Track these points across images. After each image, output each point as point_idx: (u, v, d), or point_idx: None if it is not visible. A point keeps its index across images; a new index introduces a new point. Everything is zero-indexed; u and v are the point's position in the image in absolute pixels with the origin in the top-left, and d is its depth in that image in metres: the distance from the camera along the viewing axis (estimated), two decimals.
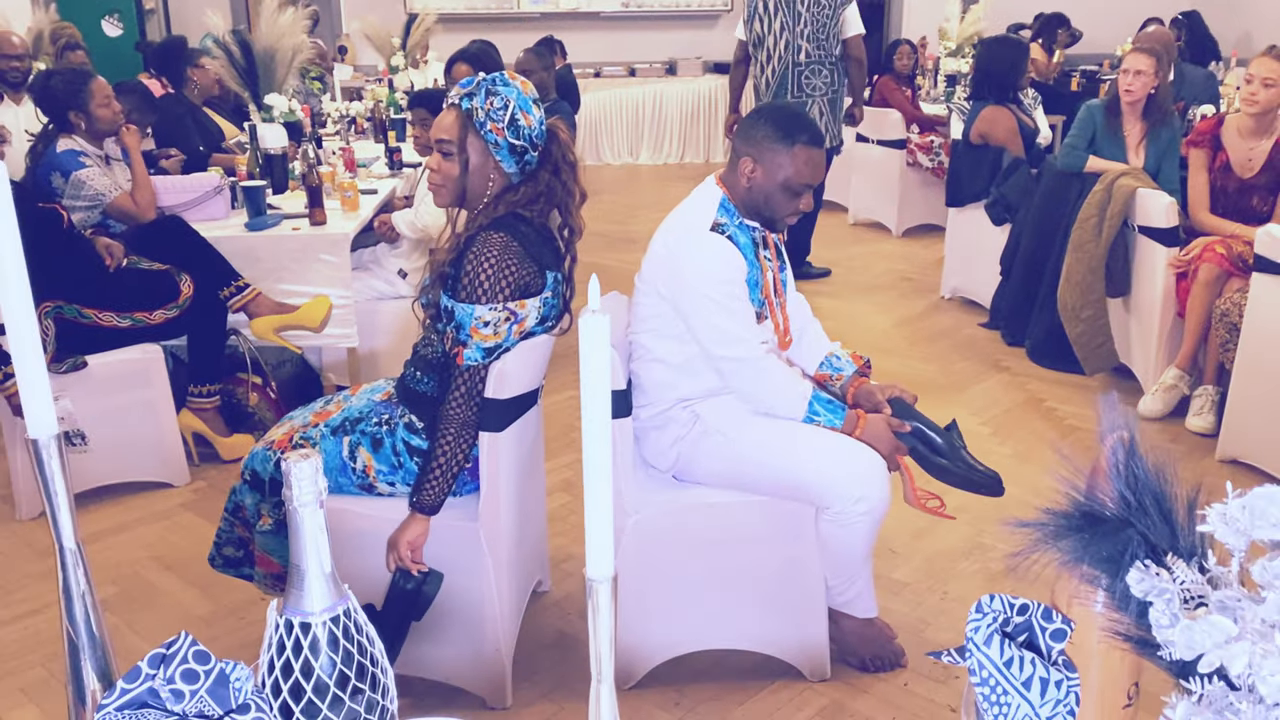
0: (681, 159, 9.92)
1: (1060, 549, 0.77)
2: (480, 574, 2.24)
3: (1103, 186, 4.02)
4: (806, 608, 2.37)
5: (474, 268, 2.10)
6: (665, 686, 2.38)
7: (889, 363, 4.51)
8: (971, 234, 5.15)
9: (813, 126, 2.33)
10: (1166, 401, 3.85)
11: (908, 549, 2.95)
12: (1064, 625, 0.90)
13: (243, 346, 3.59)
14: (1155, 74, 4.17)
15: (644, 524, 2.30)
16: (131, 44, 8.40)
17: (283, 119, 4.21)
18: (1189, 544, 0.74)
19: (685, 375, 2.34)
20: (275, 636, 0.89)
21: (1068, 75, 8.12)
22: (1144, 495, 0.76)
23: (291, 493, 0.87)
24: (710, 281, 2.24)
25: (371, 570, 2.21)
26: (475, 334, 2.10)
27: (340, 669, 0.89)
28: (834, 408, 2.31)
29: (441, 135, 2.18)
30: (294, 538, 0.89)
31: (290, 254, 3.63)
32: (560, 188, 2.23)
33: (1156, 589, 0.72)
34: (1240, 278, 3.60)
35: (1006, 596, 0.90)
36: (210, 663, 0.85)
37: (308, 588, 0.89)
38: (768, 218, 2.35)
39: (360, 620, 0.92)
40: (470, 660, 2.32)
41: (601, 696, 0.87)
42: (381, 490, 2.27)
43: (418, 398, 2.25)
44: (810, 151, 2.29)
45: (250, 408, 3.60)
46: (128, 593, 2.81)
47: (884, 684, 2.40)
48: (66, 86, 3.52)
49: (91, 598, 0.88)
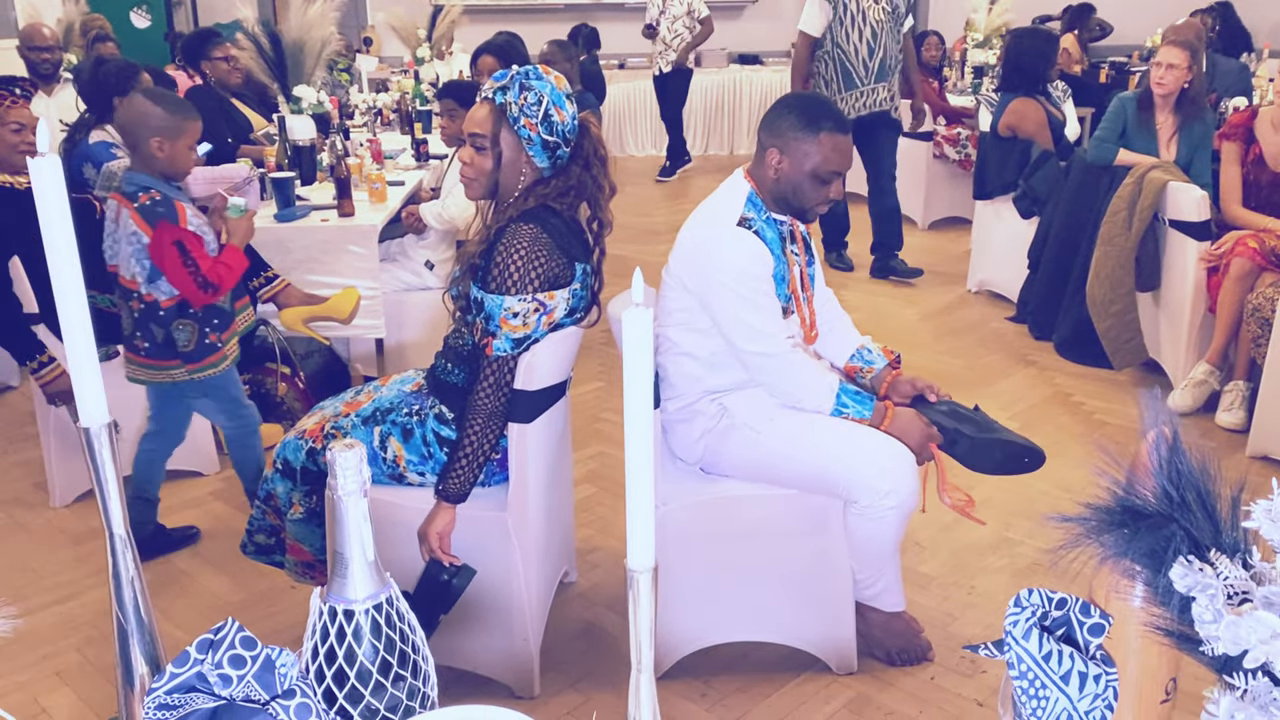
0: (705, 150, 9.89)
1: (1102, 544, 0.77)
2: (508, 564, 2.25)
3: (1133, 180, 3.98)
4: (834, 601, 2.37)
5: (504, 259, 2.11)
6: (693, 678, 2.39)
7: (915, 357, 4.49)
8: (999, 227, 5.12)
9: (837, 113, 2.33)
10: (1196, 397, 3.82)
11: (934, 543, 2.95)
12: (1102, 620, 0.90)
13: (271, 337, 3.62)
14: (1188, 68, 4.13)
15: (671, 516, 2.31)
16: (160, 35, 8.46)
17: (311, 111, 4.23)
18: (1232, 540, 0.74)
19: (712, 368, 2.34)
20: (319, 623, 0.91)
21: (1096, 67, 8.04)
22: (1187, 491, 0.76)
23: (336, 481, 0.88)
24: (736, 276, 2.24)
25: (401, 560, 2.23)
26: (504, 325, 2.11)
27: (383, 656, 0.91)
28: (862, 399, 2.30)
29: (475, 129, 2.20)
30: (338, 526, 0.90)
31: (319, 245, 3.66)
32: (591, 182, 2.24)
33: (1200, 584, 0.72)
34: (1273, 272, 3.56)
35: (1045, 591, 0.90)
36: (257, 648, 0.86)
37: (351, 575, 0.91)
38: (797, 208, 2.34)
39: (402, 608, 0.93)
40: (498, 650, 2.33)
41: (641, 686, 0.88)
42: (412, 480, 2.29)
43: (448, 389, 2.27)
44: (836, 138, 2.28)
45: (279, 397, 3.63)
46: (159, 579, 2.85)
47: (910, 678, 2.40)
48: (119, 74, 3.56)
49: (140, 583, 0.90)
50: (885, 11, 5.24)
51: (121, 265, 2.70)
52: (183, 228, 2.67)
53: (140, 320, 2.73)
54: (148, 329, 2.73)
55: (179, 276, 2.65)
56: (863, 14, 5.22)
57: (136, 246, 2.66)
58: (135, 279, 2.69)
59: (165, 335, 2.73)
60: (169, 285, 2.69)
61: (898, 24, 5.32)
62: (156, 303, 2.70)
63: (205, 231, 2.75)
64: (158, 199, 2.66)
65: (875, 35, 5.22)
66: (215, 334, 2.79)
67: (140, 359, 2.78)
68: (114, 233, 2.71)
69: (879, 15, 5.22)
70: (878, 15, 5.22)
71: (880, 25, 5.22)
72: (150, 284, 2.69)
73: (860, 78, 5.29)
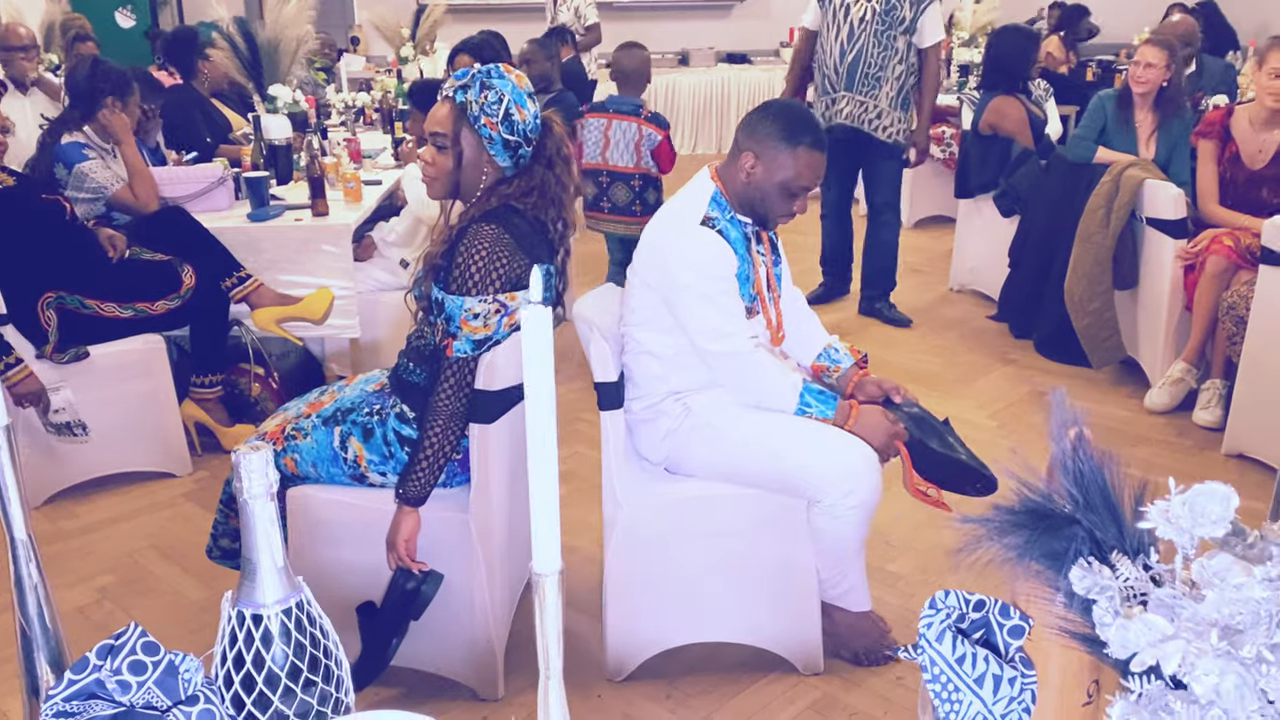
0: (694, 150, 9.88)
1: (1005, 545, 0.76)
2: (471, 565, 2.24)
3: (1110, 178, 3.98)
4: (799, 601, 2.36)
5: (464, 260, 2.09)
6: (657, 679, 2.38)
7: (895, 355, 4.49)
8: (981, 226, 5.11)
9: (818, 130, 2.32)
10: (1173, 395, 3.81)
11: (904, 542, 2.94)
12: (1022, 622, 0.89)
13: (245, 337, 3.61)
14: (1167, 67, 4.12)
15: (635, 516, 2.30)
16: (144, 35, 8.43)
17: (287, 110, 4.21)
18: (1135, 541, 0.73)
19: (676, 368, 2.33)
20: (227, 628, 0.89)
21: (1083, 66, 8.04)
22: (1091, 491, 0.75)
23: (241, 485, 0.87)
24: (697, 275, 2.23)
25: (364, 560, 2.22)
26: (465, 326, 2.09)
27: (292, 661, 0.89)
28: (826, 399, 2.29)
29: (435, 128, 2.18)
30: (245, 530, 0.89)
31: (293, 245, 3.64)
32: (554, 181, 2.23)
33: (1099, 586, 0.71)
34: (1248, 270, 3.56)
35: (962, 592, 0.89)
36: (159, 654, 0.85)
37: (260, 580, 0.89)
38: (761, 215, 2.34)
39: (314, 612, 0.92)
40: (461, 652, 2.32)
41: (550, 693, 0.87)
42: (374, 480, 2.27)
43: (410, 388, 2.25)
44: (813, 155, 2.28)
45: (253, 398, 3.62)
46: (126, 581, 2.83)
47: (877, 678, 2.39)
48: (118, 76, 3.54)
49: (44, 590, 0.88)
50: (873, 12, 4.45)
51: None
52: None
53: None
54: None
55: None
56: (844, 9, 4.51)
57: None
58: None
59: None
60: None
61: (889, 30, 4.46)
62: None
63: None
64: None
65: (851, 37, 4.49)
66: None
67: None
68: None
69: (862, 14, 4.47)
70: (860, 14, 4.47)
71: (861, 26, 4.47)
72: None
73: (829, 83, 4.61)
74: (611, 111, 4.29)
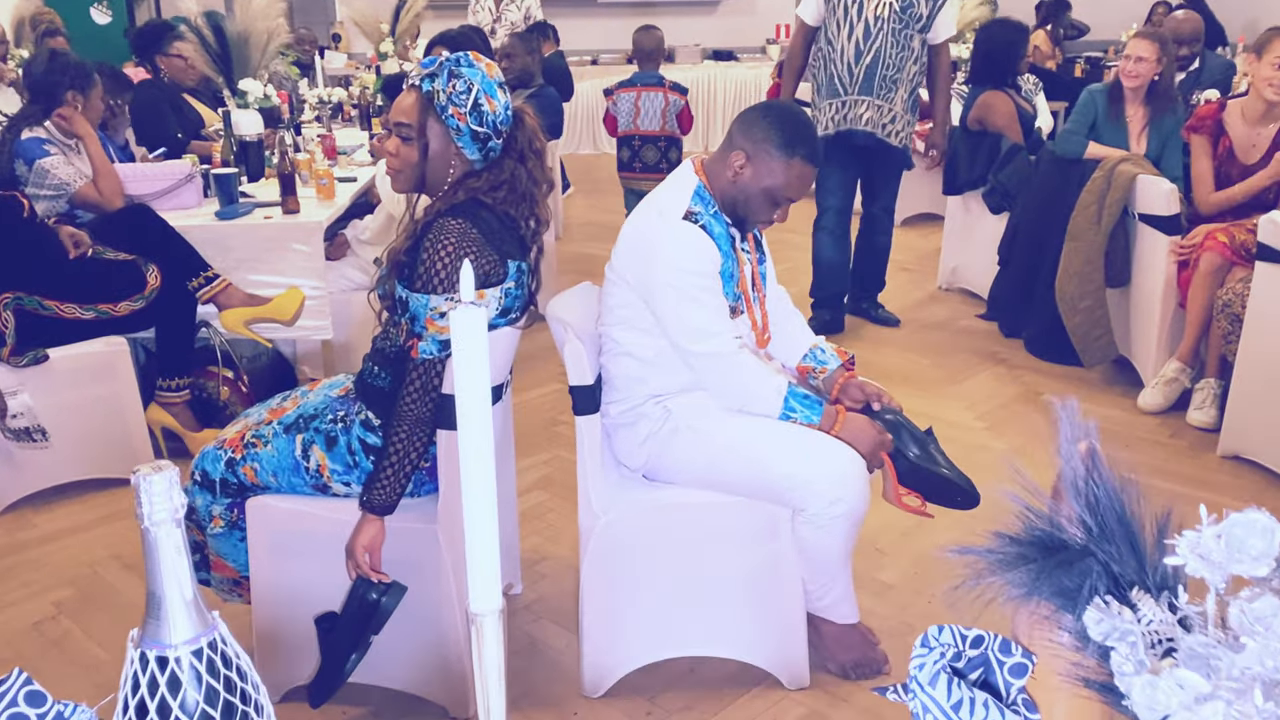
0: None
1: (1009, 580, 0.66)
2: (439, 578, 2.13)
3: (1102, 173, 3.89)
4: (784, 613, 2.26)
5: (430, 256, 1.99)
6: (636, 695, 2.28)
7: (883, 355, 4.40)
8: (969, 223, 5.03)
9: (815, 143, 2.23)
10: (1167, 395, 3.73)
11: (895, 549, 2.84)
12: (1024, 660, 0.79)
13: (214, 339, 3.49)
14: (1158, 61, 4.04)
15: (614, 525, 2.20)
16: (121, 31, 8.29)
17: (258, 105, 4.09)
18: (1158, 576, 0.63)
19: (656, 370, 2.23)
20: (130, 671, 0.79)
21: (1071, 62, 7.97)
22: (1107, 519, 0.65)
23: (142, 510, 0.77)
24: (679, 272, 2.13)
25: (327, 574, 2.11)
26: (431, 326, 1.99)
27: (203, 708, 0.79)
28: (811, 404, 2.20)
29: (401, 118, 2.07)
30: (149, 560, 0.78)
31: (262, 243, 3.52)
32: (525, 176, 2.13)
33: (1119, 631, 0.61)
34: (1243, 267, 3.47)
35: (958, 628, 0.79)
36: (45, 705, 0.75)
37: (167, 616, 0.79)
38: (740, 218, 2.25)
39: (230, 653, 0.81)
40: (431, 668, 2.21)
41: None
42: (337, 490, 2.16)
43: (375, 393, 2.15)
44: (805, 168, 2.20)
45: (222, 401, 3.50)
46: (85, 594, 2.72)
47: (866, 692, 2.29)
48: (77, 68, 3.43)
49: None
50: (890, 9, 4.14)
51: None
52: None
53: None
54: None
55: None
56: (857, 6, 4.16)
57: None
58: None
59: None
60: None
61: (907, 28, 4.17)
62: None
63: None
64: None
65: (868, 35, 4.16)
66: None
67: None
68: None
69: (879, 10, 4.14)
70: (878, 10, 4.14)
71: (877, 25, 4.14)
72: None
73: (843, 85, 4.25)
74: (639, 85, 5.14)
